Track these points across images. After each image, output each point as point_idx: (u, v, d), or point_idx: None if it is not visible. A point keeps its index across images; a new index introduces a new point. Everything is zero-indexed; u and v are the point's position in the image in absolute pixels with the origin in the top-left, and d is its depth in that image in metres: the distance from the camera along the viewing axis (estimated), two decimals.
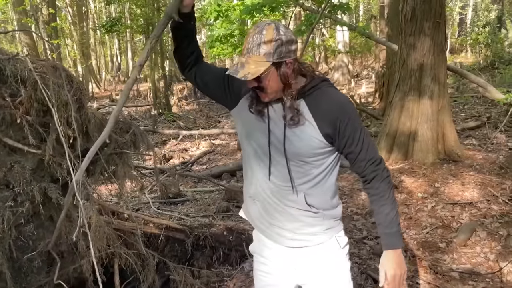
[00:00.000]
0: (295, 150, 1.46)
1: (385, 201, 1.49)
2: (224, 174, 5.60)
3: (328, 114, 1.42)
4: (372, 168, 1.48)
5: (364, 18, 24.83)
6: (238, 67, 1.36)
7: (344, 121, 1.42)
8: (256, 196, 1.58)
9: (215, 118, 11.48)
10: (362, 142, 1.46)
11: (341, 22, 6.36)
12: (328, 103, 1.43)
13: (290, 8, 7.94)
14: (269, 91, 1.41)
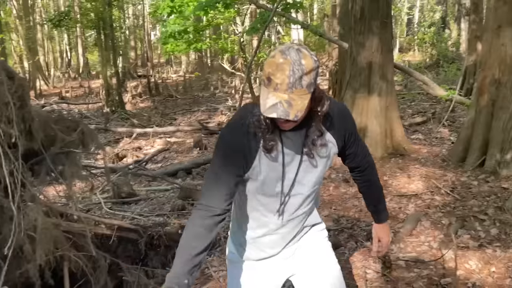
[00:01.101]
0: (315, 180, 1.47)
1: (377, 183, 1.66)
2: (180, 172, 5.54)
3: (340, 127, 1.44)
4: (366, 159, 1.60)
5: (318, 16, 25.33)
6: (284, 107, 1.20)
7: (350, 130, 1.48)
8: (272, 231, 1.55)
9: (170, 116, 11.32)
10: (359, 141, 1.55)
11: (294, 21, 6.46)
12: (337, 116, 1.43)
13: (244, 5, 7.97)
14: (299, 119, 1.28)
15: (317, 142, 1.38)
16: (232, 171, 1.38)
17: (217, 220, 1.38)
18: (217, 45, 9.54)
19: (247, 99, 11.60)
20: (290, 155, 1.39)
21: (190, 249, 1.34)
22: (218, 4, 6.27)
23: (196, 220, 1.37)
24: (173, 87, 16.34)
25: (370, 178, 1.64)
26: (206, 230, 1.35)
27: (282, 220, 1.51)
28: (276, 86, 1.21)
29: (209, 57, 23.05)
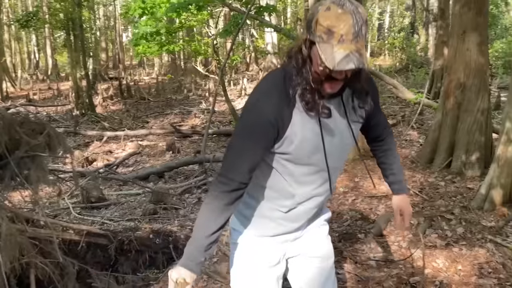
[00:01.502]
0: (349, 147, 1.41)
1: (396, 153, 1.62)
2: (151, 176, 5.46)
3: (369, 89, 1.38)
4: (387, 128, 1.59)
5: (291, 20, 25.56)
6: (356, 57, 1.13)
7: (376, 94, 1.44)
8: (296, 204, 1.42)
9: (143, 119, 11.15)
10: (380, 109, 1.51)
11: (267, 24, 6.50)
12: (365, 78, 1.35)
13: (218, 8, 7.95)
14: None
15: (364, 102, 1.35)
16: (262, 142, 1.27)
17: (239, 194, 1.30)
18: (190, 47, 9.47)
19: (221, 102, 11.57)
20: (328, 122, 1.30)
21: (210, 225, 1.29)
22: (191, 6, 6.24)
23: (218, 194, 1.29)
24: (146, 89, 16.12)
25: (390, 147, 1.60)
26: (227, 205, 1.29)
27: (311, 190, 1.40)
28: (341, 37, 1.13)
29: (183, 60, 22.87)
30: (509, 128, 3.45)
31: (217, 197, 1.29)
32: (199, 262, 1.28)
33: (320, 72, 1.20)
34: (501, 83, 10.33)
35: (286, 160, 1.32)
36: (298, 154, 1.30)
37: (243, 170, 1.28)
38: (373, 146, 1.62)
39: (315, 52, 1.19)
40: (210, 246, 1.29)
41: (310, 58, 1.22)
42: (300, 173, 1.35)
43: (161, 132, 8.57)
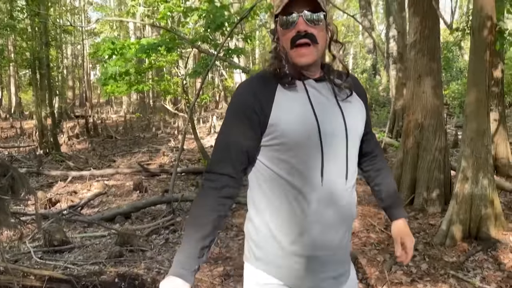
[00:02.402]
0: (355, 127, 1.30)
1: (389, 171, 1.51)
2: (118, 217, 5.33)
3: (361, 94, 1.36)
4: (377, 144, 1.50)
5: (259, 61, 26.29)
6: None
7: (363, 94, 1.39)
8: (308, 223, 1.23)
9: (109, 158, 10.96)
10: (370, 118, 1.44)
11: (235, 66, 6.69)
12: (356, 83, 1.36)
13: (187, 49, 8.13)
14: (319, 47, 1.22)
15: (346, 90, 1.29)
16: (244, 126, 1.21)
17: (229, 192, 1.21)
18: (159, 86, 9.54)
19: (190, 139, 11.58)
20: (320, 103, 1.23)
21: (200, 227, 1.18)
22: (161, 47, 6.36)
23: (206, 191, 1.21)
24: (113, 127, 15.94)
25: (383, 166, 1.49)
26: (217, 204, 1.19)
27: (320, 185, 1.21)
28: None
29: (152, 98, 22.89)
30: (465, 166, 3.65)
31: (206, 195, 1.21)
32: (193, 271, 1.15)
33: (283, 40, 1.23)
34: (458, 122, 10.90)
35: (280, 150, 1.20)
36: (289, 134, 1.19)
37: (230, 161, 1.21)
38: (366, 165, 1.49)
39: (277, 25, 1.26)
40: (202, 252, 1.17)
41: (278, 39, 1.26)
42: (300, 160, 1.20)
43: (128, 171, 8.44)
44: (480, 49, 3.56)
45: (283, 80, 1.23)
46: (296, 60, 1.21)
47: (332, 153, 1.22)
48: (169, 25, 7.82)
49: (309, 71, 1.26)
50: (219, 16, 6.11)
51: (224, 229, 4.57)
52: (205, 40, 6.68)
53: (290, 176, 1.21)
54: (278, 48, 1.26)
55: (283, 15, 1.21)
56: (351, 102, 1.30)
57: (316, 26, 1.21)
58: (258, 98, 1.21)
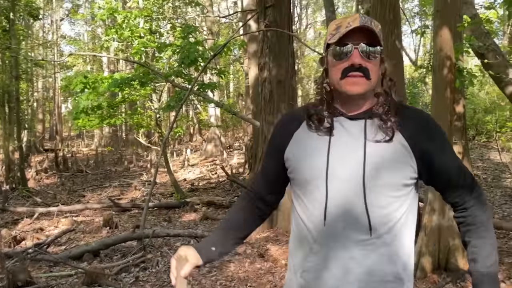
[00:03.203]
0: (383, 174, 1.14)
1: (487, 231, 1.19)
2: (86, 254, 5.14)
3: (418, 136, 1.18)
4: (470, 194, 1.20)
5: (234, 94, 26.62)
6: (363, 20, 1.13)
7: (434, 147, 1.18)
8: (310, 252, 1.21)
9: (79, 192, 10.66)
10: (455, 166, 1.20)
11: (209, 100, 6.77)
12: (416, 122, 1.20)
13: (161, 83, 8.19)
14: (371, 82, 1.16)
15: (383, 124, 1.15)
16: (272, 152, 1.36)
17: (256, 203, 1.38)
18: (132, 120, 9.49)
19: (163, 173, 11.45)
20: (342, 143, 1.18)
21: (226, 221, 1.39)
22: (134, 82, 6.39)
23: (240, 196, 1.48)
24: (84, 161, 15.60)
25: (476, 222, 1.18)
26: (243, 210, 1.39)
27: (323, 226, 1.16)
28: (348, 24, 1.13)
29: (124, 131, 22.65)
30: (432, 198, 3.75)
31: (239, 199, 1.47)
32: (208, 250, 1.29)
33: (333, 70, 1.18)
34: None
35: (295, 184, 1.26)
36: (299, 171, 1.22)
37: (258, 180, 1.41)
38: (456, 217, 1.25)
39: (329, 53, 1.20)
40: (221, 243, 1.33)
41: (327, 70, 1.22)
42: (309, 198, 1.20)
43: (98, 206, 8.22)
44: (441, 86, 3.75)
45: (309, 120, 1.23)
46: (347, 88, 1.16)
47: (342, 199, 1.15)
48: (143, 60, 7.89)
49: (352, 105, 1.20)
50: (193, 52, 6.22)
51: None
52: (179, 74, 6.76)
53: (302, 211, 1.23)
54: (322, 83, 1.24)
55: (337, 45, 1.16)
56: (388, 146, 1.15)
57: (371, 61, 1.15)
58: (281, 133, 1.30)
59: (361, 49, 1.14)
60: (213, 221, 6.59)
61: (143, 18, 8.55)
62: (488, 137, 13.23)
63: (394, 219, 1.16)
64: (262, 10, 5.46)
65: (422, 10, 19.16)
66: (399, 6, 5.20)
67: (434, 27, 3.87)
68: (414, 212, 1.24)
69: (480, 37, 7.34)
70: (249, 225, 1.39)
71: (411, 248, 1.22)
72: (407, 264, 1.20)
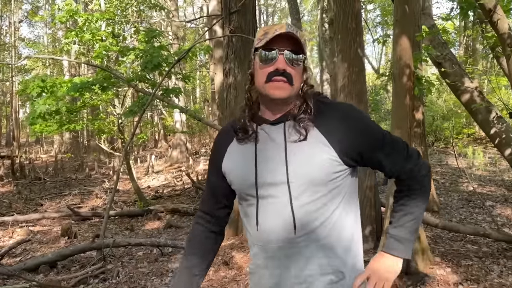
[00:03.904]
0: (305, 171, 1.19)
1: (416, 200, 1.27)
2: (42, 266, 4.90)
3: (339, 129, 1.22)
4: (403, 168, 1.27)
5: (200, 100, 26.44)
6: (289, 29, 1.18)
7: (357, 136, 1.22)
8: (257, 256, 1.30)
9: (36, 201, 10.21)
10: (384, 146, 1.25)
11: (173, 105, 6.66)
12: (336, 116, 1.24)
13: (123, 87, 7.99)
14: (294, 88, 1.21)
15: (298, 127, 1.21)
16: (212, 169, 1.40)
17: (210, 226, 1.42)
18: (93, 126, 9.20)
19: (126, 180, 11.16)
20: (267, 150, 1.24)
21: (187, 263, 1.40)
22: (94, 86, 6.20)
23: (192, 228, 1.45)
24: (42, 168, 14.98)
25: (408, 191, 1.28)
26: (200, 241, 1.41)
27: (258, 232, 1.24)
28: (275, 31, 1.19)
29: (85, 137, 21.97)
30: (392, 203, 3.82)
31: (191, 232, 1.45)
32: None
33: (259, 73, 1.23)
34: None
35: (237, 194, 1.36)
36: (235, 183, 1.31)
37: (205, 199, 1.44)
38: (396, 194, 1.34)
39: (255, 58, 1.25)
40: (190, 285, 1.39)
41: (252, 75, 1.28)
42: (246, 205, 1.30)
43: (57, 215, 7.89)
44: (401, 94, 3.85)
45: (237, 135, 1.30)
46: (271, 92, 1.21)
47: (271, 202, 1.22)
48: (104, 64, 7.68)
49: (274, 110, 1.26)
50: (156, 56, 6.11)
51: (159, 275, 4.37)
52: (142, 79, 6.62)
53: (244, 218, 1.33)
54: (248, 90, 1.30)
55: (263, 49, 1.21)
56: (306, 144, 1.21)
57: (295, 67, 1.21)
58: (217, 148, 1.38)
59: (286, 55, 1.20)
60: (177, 229, 6.46)
61: (105, 21, 8.34)
62: (446, 143, 13.76)
63: (326, 213, 1.21)
64: (227, 15, 5.44)
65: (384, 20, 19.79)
66: (361, 16, 5.33)
67: (394, 36, 3.98)
68: (352, 203, 1.29)
69: (438, 46, 7.64)
70: (209, 253, 1.43)
71: (351, 240, 1.26)
72: (347, 257, 1.25)
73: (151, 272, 4.46)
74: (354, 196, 1.31)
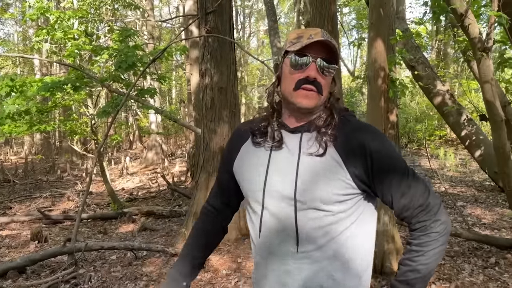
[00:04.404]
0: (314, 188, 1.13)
1: (419, 256, 1.13)
2: (10, 272, 4.72)
3: (353, 145, 1.14)
4: (416, 211, 1.14)
5: (176, 100, 26.18)
6: (325, 36, 1.14)
7: (372, 153, 1.13)
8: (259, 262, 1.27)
9: (5, 204, 9.85)
10: (400, 178, 1.14)
11: (148, 106, 6.55)
12: (351, 131, 1.17)
13: (97, 88, 7.82)
14: (322, 98, 1.16)
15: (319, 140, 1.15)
16: (223, 166, 1.39)
17: (213, 219, 1.43)
18: (65, 126, 8.95)
19: (99, 182, 10.91)
20: (281, 159, 1.18)
21: (189, 247, 1.41)
22: (66, 86, 6.03)
23: (199, 218, 1.46)
24: (12, 170, 14.49)
25: (413, 244, 1.14)
26: (202, 229, 1.43)
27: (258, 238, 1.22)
28: (310, 36, 1.13)
29: (57, 138, 21.40)
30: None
31: (197, 220, 1.46)
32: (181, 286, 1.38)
33: (288, 78, 1.17)
34: None
35: (245, 197, 1.32)
36: (244, 185, 1.29)
37: (214, 195, 1.44)
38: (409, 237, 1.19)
39: (285, 61, 1.19)
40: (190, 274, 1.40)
41: (279, 78, 1.22)
42: (251, 209, 1.27)
43: (26, 219, 7.63)
44: (376, 96, 3.90)
45: (253, 135, 1.26)
46: (298, 100, 1.16)
47: (276, 212, 1.17)
48: (77, 63, 7.49)
49: (297, 118, 1.21)
50: (131, 56, 5.99)
51: (133, 279, 4.28)
52: (116, 79, 6.48)
53: (249, 223, 1.30)
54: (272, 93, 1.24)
55: (296, 54, 1.15)
56: (320, 160, 1.14)
57: (326, 77, 1.16)
58: (230, 147, 1.35)
59: (319, 64, 1.15)
60: (152, 232, 6.35)
61: (78, 20, 8.14)
62: (419, 144, 14.07)
63: (332, 234, 1.14)
64: (203, 15, 5.39)
65: (359, 23, 20.11)
66: (336, 18, 5.37)
67: (369, 39, 4.02)
68: (367, 229, 1.21)
69: (411, 50, 7.81)
70: (211, 243, 1.45)
71: (357, 266, 1.18)
72: (350, 283, 1.17)
73: (124, 277, 4.36)
74: (369, 222, 1.23)
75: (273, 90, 1.24)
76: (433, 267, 1.13)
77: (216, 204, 1.44)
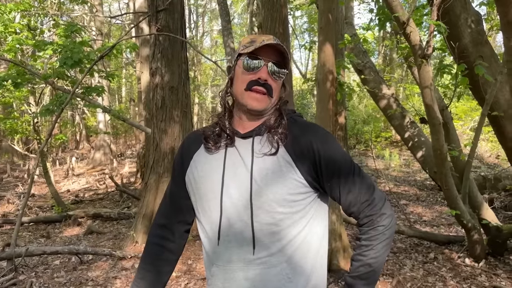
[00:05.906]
0: (269, 191, 1.14)
1: (369, 250, 1.17)
2: None
3: (302, 145, 1.18)
4: (367, 208, 1.18)
5: (126, 99, 25.43)
6: (276, 41, 1.19)
7: (319, 152, 1.17)
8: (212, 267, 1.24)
9: None
10: (347, 177, 1.19)
11: (95, 105, 6.32)
12: (300, 131, 1.21)
13: (40, 84, 7.43)
14: (272, 100, 1.21)
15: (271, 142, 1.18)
16: (175, 177, 1.34)
17: (167, 245, 1.33)
18: (5, 125, 8.43)
19: (42, 184, 10.37)
20: (235, 164, 1.19)
21: (139, 270, 1.35)
22: (6, 82, 5.68)
23: (147, 245, 1.36)
24: None
25: (363, 239, 1.19)
26: (152, 250, 1.34)
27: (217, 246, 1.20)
28: (263, 41, 1.18)
29: None
30: None
31: (146, 246, 1.36)
32: None
33: (240, 79, 1.21)
34: None
35: (195, 207, 1.28)
36: (198, 194, 1.25)
37: (163, 209, 1.36)
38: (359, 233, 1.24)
39: (238, 63, 1.23)
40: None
41: (232, 80, 1.25)
42: (206, 220, 1.23)
43: None
44: (324, 98, 4.01)
45: (206, 142, 1.26)
46: (249, 102, 1.19)
47: (234, 218, 1.17)
48: (18, 59, 7.08)
49: (248, 120, 1.24)
50: (77, 52, 5.75)
51: (78, 285, 4.11)
52: (60, 76, 6.20)
53: (202, 234, 1.26)
54: (227, 90, 1.27)
55: (249, 57, 1.20)
56: (272, 162, 1.17)
57: (276, 80, 1.21)
58: (182, 156, 1.32)
59: (270, 68, 1.19)
60: (99, 235, 6.13)
61: (20, 13, 7.70)
62: (366, 146, 14.62)
63: (288, 236, 1.16)
64: (154, 13, 5.29)
65: (311, 26, 20.56)
66: (288, 21, 5.46)
67: (318, 43, 4.13)
68: (320, 227, 1.24)
69: (359, 55, 8.10)
70: (164, 274, 1.36)
71: (313, 267, 1.21)
72: (310, 281, 1.20)
73: (69, 282, 4.19)
74: (322, 220, 1.25)
75: (226, 90, 1.28)
76: (383, 261, 1.19)
77: (169, 223, 1.34)
